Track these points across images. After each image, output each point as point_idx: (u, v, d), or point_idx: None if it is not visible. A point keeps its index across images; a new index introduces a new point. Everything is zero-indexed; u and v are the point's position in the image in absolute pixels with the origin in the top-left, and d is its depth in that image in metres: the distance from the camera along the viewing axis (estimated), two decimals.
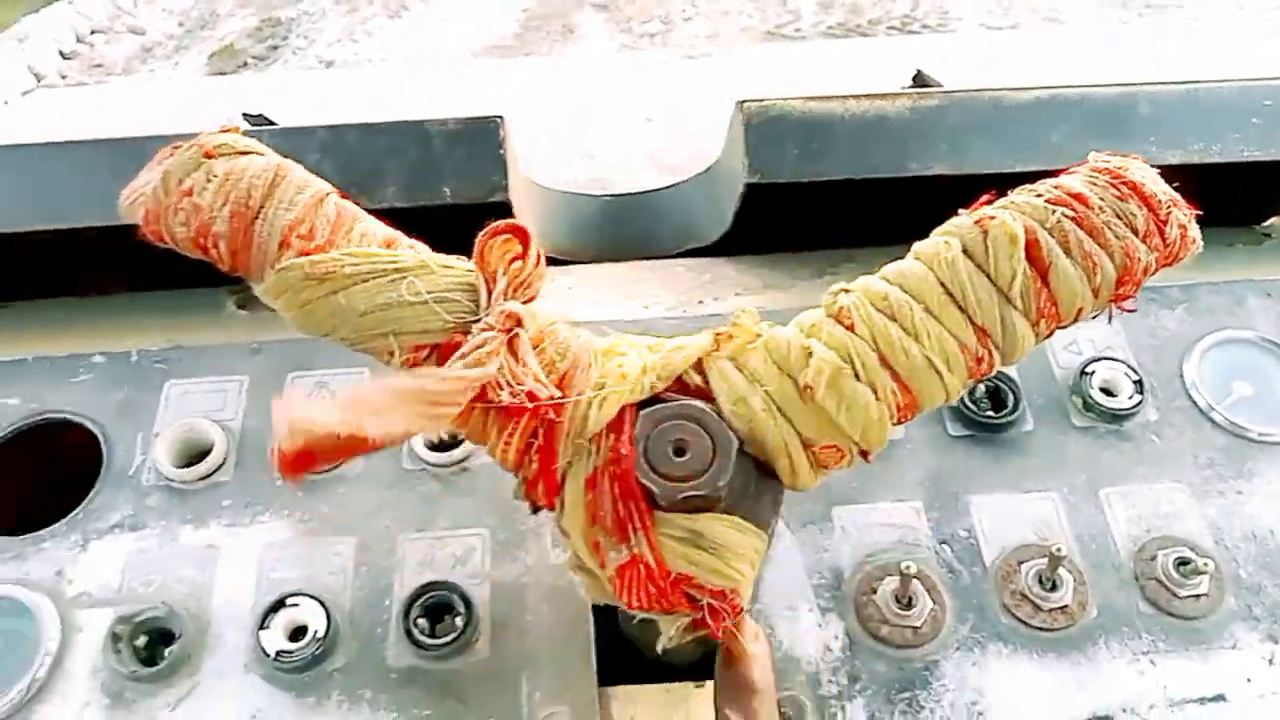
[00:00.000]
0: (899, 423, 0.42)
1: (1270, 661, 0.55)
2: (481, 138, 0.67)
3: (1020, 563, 0.58)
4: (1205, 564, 0.56)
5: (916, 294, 0.41)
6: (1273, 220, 0.81)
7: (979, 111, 0.69)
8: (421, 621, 0.57)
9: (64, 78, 3.28)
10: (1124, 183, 0.41)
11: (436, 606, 0.58)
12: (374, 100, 1.25)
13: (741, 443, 0.41)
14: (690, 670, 0.56)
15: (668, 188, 0.86)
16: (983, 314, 0.41)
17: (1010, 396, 0.65)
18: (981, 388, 0.65)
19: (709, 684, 0.56)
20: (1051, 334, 0.42)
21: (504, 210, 0.69)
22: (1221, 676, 0.55)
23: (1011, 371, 0.66)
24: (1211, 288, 0.71)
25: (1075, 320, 0.42)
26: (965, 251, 0.41)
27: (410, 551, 0.60)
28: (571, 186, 0.91)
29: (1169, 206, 0.41)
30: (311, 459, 0.36)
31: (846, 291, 0.43)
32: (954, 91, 0.70)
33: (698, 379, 0.43)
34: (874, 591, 0.57)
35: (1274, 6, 3.24)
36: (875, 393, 0.41)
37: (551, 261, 0.75)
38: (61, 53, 3.35)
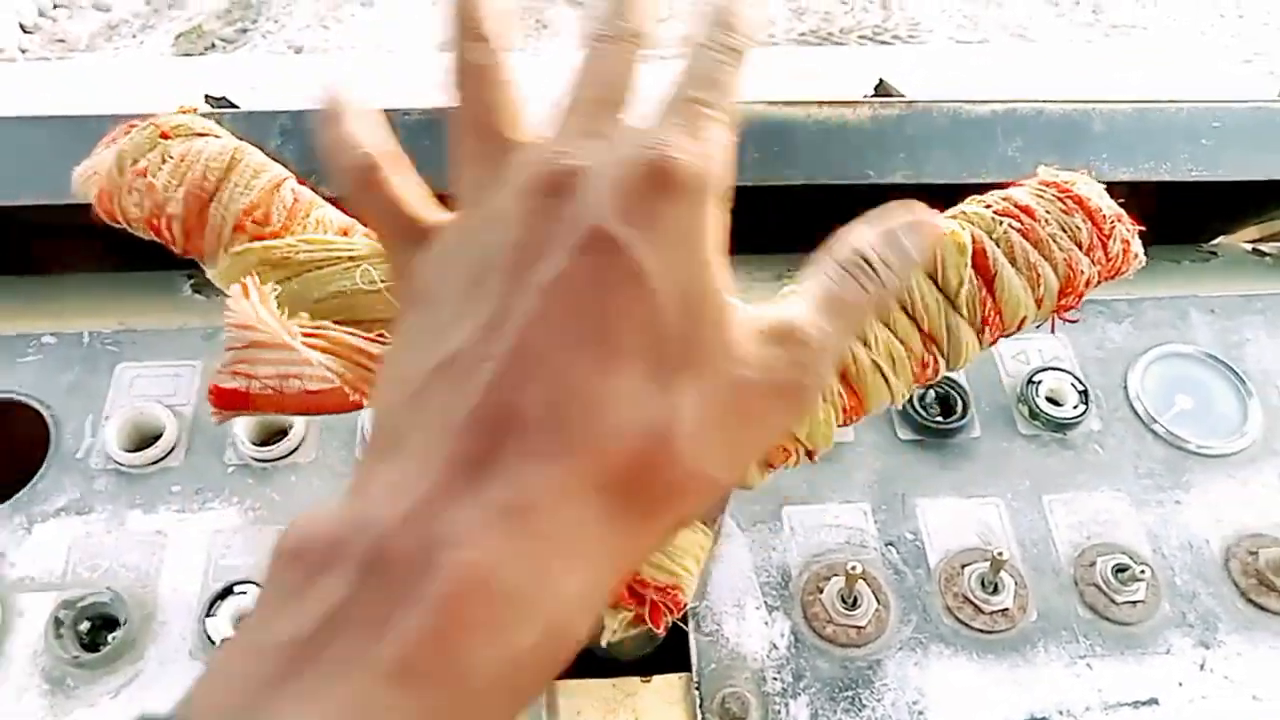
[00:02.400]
0: (845, 424, 0.43)
1: (1201, 667, 0.57)
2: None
3: (963, 565, 0.59)
4: (1142, 571, 0.57)
5: None
6: (1219, 239, 0.84)
7: (937, 122, 0.70)
8: None
9: (24, 52, 3.21)
10: (1070, 197, 0.43)
11: None
12: (340, 87, 1.24)
13: None
14: (636, 665, 0.57)
15: None
16: (929, 320, 0.42)
17: (959, 403, 0.66)
18: (931, 394, 0.66)
19: (656, 679, 0.56)
20: (995, 341, 0.43)
21: None
22: (1155, 681, 0.56)
23: (961, 379, 0.67)
24: (1157, 302, 0.73)
25: (1019, 329, 0.43)
26: None
27: None
28: None
29: (1113, 222, 0.43)
30: (245, 399, 0.36)
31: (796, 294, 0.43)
32: (914, 102, 0.71)
33: None
34: (820, 591, 0.58)
35: (1234, 32, 3.32)
36: (822, 395, 0.41)
37: None
38: (22, 26, 3.28)
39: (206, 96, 0.74)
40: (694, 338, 0.27)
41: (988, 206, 0.43)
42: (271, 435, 0.65)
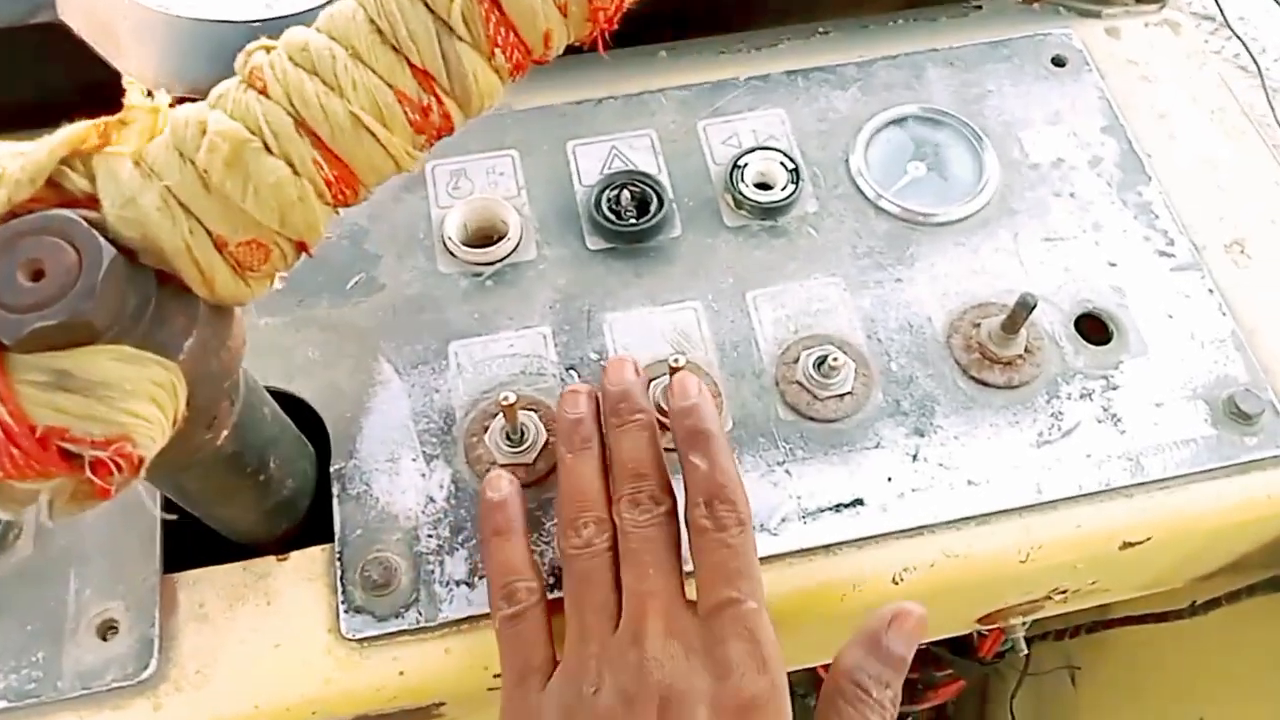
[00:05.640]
0: (341, 204, 0.34)
1: (914, 457, 0.50)
2: None
3: (651, 380, 0.51)
4: (835, 359, 0.50)
5: (342, 38, 0.32)
6: None
7: None
8: None
9: None
10: None
11: None
12: None
13: (134, 254, 0.32)
14: (275, 545, 0.49)
15: (322, 6, 0.74)
16: (420, 51, 0.32)
17: (655, 199, 0.57)
18: (626, 194, 0.57)
19: (294, 555, 0.49)
20: (522, 71, 0.34)
21: (56, 32, 0.57)
22: (860, 480, 0.49)
23: (662, 175, 0.58)
24: (890, 62, 0.63)
25: (549, 49, 0.34)
26: None
27: None
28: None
29: None
30: None
31: (266, 49, 0.34)
32: None
33: (86, 185, 0.33)
34: (485, 430, 0.50)
35: None
36: (293, 166, 0.32)
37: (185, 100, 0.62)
38: None
39: None
40: None
41: None
42: None
